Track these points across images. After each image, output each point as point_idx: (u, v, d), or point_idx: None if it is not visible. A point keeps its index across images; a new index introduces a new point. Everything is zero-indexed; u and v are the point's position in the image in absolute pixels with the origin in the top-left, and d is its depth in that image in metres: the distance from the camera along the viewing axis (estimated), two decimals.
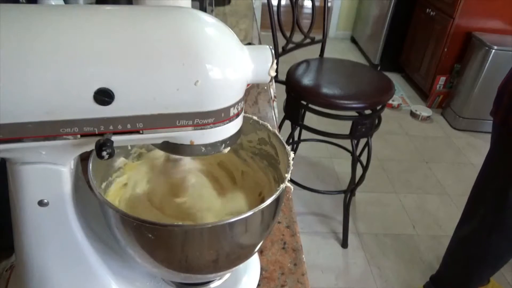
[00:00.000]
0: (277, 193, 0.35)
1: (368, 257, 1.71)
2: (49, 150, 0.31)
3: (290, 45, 1.63)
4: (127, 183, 0.46)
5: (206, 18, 0.31)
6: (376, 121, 1.51)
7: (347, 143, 1.82)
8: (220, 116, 0.32)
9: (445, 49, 2.71)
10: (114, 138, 0.30)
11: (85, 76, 0.27)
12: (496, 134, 1.17)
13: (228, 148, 0.35)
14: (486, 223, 1.23)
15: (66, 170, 0.33)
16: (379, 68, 3.46)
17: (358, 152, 1.67)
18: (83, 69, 0.27)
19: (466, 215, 1.33)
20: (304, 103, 1.44)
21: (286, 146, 0.41)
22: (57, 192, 0.34)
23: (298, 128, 1.92)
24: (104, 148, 0.28)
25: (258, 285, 0.48)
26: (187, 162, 0.47)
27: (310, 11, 1.73)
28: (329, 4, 4.06)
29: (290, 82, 1.48)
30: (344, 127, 1.56)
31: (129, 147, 0.46)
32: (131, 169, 0.47)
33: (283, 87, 1.54)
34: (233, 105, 0.32)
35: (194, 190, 0.46)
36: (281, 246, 0.53)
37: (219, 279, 0.46)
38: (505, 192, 1.14)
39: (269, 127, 0.45)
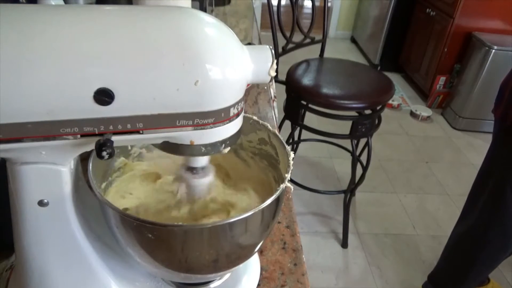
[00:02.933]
0: (277, 193, 0.35)
1: (368, 257, 1.71)
2: (49, 150, 0.31)
3: (290, 45, 1.63)
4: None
5: (206, 18, 0.31)
6: (376, 121, 1.51)
7: (347, 143, 1.82)
8: (220, 116, 0.32)
9: (445, 49, 2.71)
10: (114, 138, 0.30)
11: (85, 76, 0.27)
12: (496, 130, 1.17)
13: (228, 148, 0.35)
14: (483, 218, 1.23)
15: (66, 170, 0.33)
16: (379, 68, 3.45)
17: (358, 152, 1.66)
18: (83, 69, 0.27)
19: (464, 211, 1.33)
20: (304, 103, 1.44)
21: (286, 146, 0.41)
22: (57, 192, 0.34)
23: (298, 128, 1.92)
24: (104, 148, 0.28)
25: (258, 285, 0.48)
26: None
27: (310, 11, 1.73)
28: (329, 4, 4.06)
29: (290, 82, 1.48)
30: (344, 127, 1.56)
31: (129, 147, 0.46)
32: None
33: (283, 87, 1.54)
34: (233, 105, 0.32)
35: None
36: (281, 246, 0.53)
37: (219, 279, 0.46)
38: (502, 188, 1.13)
39: (269, 127, 0.45)
